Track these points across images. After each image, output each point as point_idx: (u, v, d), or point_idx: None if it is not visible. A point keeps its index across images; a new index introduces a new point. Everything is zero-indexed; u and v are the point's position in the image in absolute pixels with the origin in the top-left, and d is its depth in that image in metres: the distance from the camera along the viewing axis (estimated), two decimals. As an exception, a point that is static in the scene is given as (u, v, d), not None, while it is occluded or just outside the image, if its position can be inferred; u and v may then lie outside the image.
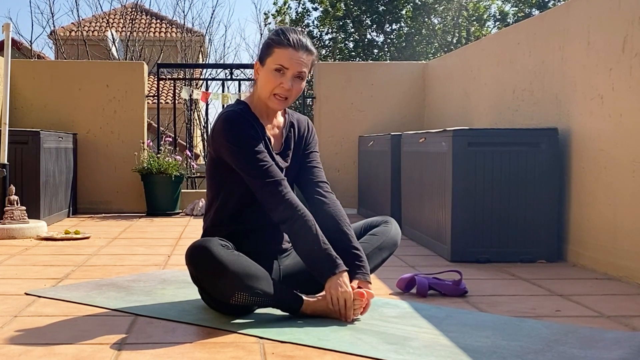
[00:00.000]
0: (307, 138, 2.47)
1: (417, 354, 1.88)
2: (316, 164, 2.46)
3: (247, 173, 2.24)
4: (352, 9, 18.33)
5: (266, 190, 2.22)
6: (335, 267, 2.18)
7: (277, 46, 2.27)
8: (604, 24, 3.26)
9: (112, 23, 15.76)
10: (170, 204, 5.87)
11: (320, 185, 2.41)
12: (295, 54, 2.27)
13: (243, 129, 2.26)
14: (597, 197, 3.28)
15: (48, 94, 6.05)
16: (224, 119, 2.28)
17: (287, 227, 2.22)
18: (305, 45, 2.29)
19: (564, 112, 3.61)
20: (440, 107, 5.95)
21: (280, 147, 2.40)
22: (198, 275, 2.18)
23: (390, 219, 2.58)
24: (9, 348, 1.92)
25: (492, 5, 18.52)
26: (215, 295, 2.21)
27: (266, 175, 2.22)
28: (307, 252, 2.20)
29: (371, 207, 5.50)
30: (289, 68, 2.26)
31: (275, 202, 2.22)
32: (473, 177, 3.47)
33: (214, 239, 2.19)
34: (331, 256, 2.19)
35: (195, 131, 12.62)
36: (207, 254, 2.11)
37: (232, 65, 6.97)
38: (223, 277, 2.10)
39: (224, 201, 2.35)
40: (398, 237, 2.54)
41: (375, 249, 2.45)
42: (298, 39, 2.29)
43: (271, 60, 2.28)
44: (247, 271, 2.12)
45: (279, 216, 2.22)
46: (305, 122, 2.51)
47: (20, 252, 3.71)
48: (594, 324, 2.26)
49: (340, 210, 2.36)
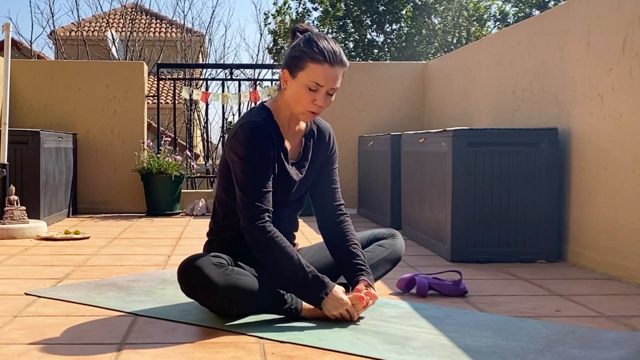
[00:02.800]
0: (328, 152, 2.40)
1: (417, 354, 1.88)
2: (334, 183, 2.40)
3: (240, 187, 2.17)
4: (352, 9, 18.33)
5: (249, 212, 2.14)
6: (325, 287, 2.14)
7: (312, 61, 2.14)
8: (604, 24, 3.26)
9: (112, 23, 15.78)
10: (170, 204, 5.87)
11: (336, 208, 2.38)
12: (331, 70, 2.15)
13: (257, 145, 2.17)
14: (597, 197, 3.28)
15: (48, 94, 6.05)
16: (244, 130, 2.19)
17: (266, 255, 2.15)
18: (339, 59, 2.16)
19: (564, 112, 3.61)
20: (440, 107, 5.95)
21: (297, 157, 2.33)
22: (189, 294, 2.17)
23: (397, 232, 2.60)
24: (9, 348, 1.92)
25: (493, 5, 18.53)
26: (210, 310, 2.21)
27: (258, 198, 2.15)
28: (291, 280, 2.14)
29: (371, 207, 5.50)
30: (324, 85, 2.16)
31: (253, 227, 2.13)
32: (473, 177, 3.47)
33: (206, 257, 2.13)
34: (317, 277, 2.14)
35: (195, 131, 12.62)
36: (198, 274, 2.08)
37: (232, 65, 6.97)
38: (214, 297, 2.10)
39: (232, 202, 2.31)
40: (402, 251, 2.57)
41: (381, 259, 2.48)
42: (332, 52, 2.15)
43: (305, 76, 2.15)
44: (240, 287, 2.10)
45: (256, 242, 2.15)
46: (327, 132, 2.42)
47: (20, 252, 3.71)
48: (594, 324, 2.26)
49: (351, 232, 2.36)
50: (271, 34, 18.06)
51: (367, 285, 2.25)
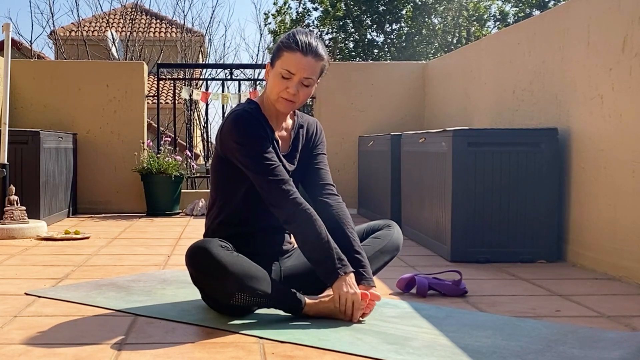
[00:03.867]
0: (315, 140, 2.46)
1: (417, 354, 1.88)
2: (323, 165, 2.44)
3: (253, 171, 2.22)
4: (352, 9, 18.34)
5: (271, 188, 2.20)
6: (344, 267, 2.17)
7: (286, 50, 2.23)
8: (604, 24, 3.26)
9: (112, 23, 15.78)
10: (170, 204, 5.87)
11: (326, 187, 2.40)
12: (303, 59, 2.23)
13: (252, 129, 2.24)
14: (597, 197, 3.28)
15: (48, 94, 6.05)
16: (234, 117, 2.26)
17: (293, 226, 2.21)
18: (314, 50, 2.24)
19: (564, 112, 3.61)
20: (440, 107, 5.96)
21: (287, 149, 2.38)
22: (198, 277, 2.17)
23: (393, 222, 2.59)
24: (9, 348, 1.92)
25: (493, 5, 18.53)
26: (215, 296, 2.20)
27: (272, 173, 2.21)
28: (313, 251, 2.19)
29: (371, 207, 5.50)
30: (295, 73, 2.23)
31: (281, 201, 2.20)
32: (473, 177, 3.47)
33: (213, 240, 2.18)
34: (339, 256, 2.18)
35: (195, 131, 12.62)
36: (207, 255, 2.10)
37: (232, 65, 6.96)
38: (223, 278, 2.09)
39: (227, 200, 2.34)
40: (400, 240, 2.55)
41: (378, 252, 2.46)
42: (307, 42, 2.23)
43: (279, 64, 2.24)
44: (247, 272, 2.11)
45: (284, 215, 2.21)
46: (314, 124, 2.49)
47: (20, 252, 3.71)
48: (594, 324, 2.26)
49: (345, 213, 2.36)
50: (271, 34, 18.09)
51: (365, 287, 2.24)
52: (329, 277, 2.18)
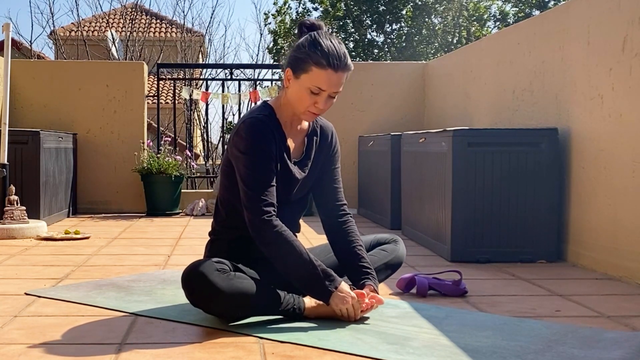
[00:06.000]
0: (330, 151, 2.40)
1: (417, 354, 1.88)
2: (338, 183, 2.41)
3: (245, 183, 2.16)
4: (352, 9, 18.33)
5: (254, 206, 2.14)
6: (333, 282, 2.15)
7: (315, 66, 2.12)
8: (604, 24, 3.26)
9: (112, 23, 15.78)
10: (170, 204, 5.87)
11: (341, 208, 2.40)
12: (334, 75, 2.13)
13: (261, 142, 2.18)
14: (597, 197, 3.28)
15: (48, 94, 6.05)
16: (246, 125, 2.20)
17: (274, 250, 2.15)
18: (344, 64, 2.14)
19: (564, 112, 3.61)
20: (440, 107, 5.96)
21: (300, 156, 2.33)
22: (193, 300, 2.14)
23: (399, 238, 2.62)
24: (9, 348, 1.92)
25: (493, 5, 18.53)
26: (214, 315, 2.20)
27: (262, 192, 2.15)
28: (300, 274, 2.14)
29: (371, 207, 5.50)
30: (326, 90, 2.15)
31: (262, 223, 2.13)
32: (473, 177, 3.47)
33: (209, 262, 2.12)
34: (326, 272, 2.14)
35: (195, 131, 12.62)
36: (203, 281, 2.06)
37: (232, 65, 6.97)
38: (221, 303, 2.08)
39: (235, 202, 2.30)
40: (404, 257, 2.59)
41: (384, 264, 2.49)
42: (337, 56, 2.13)
43: (307, 79, 2.14)
44: (244, 292, 2.08)
45: (263, 237, 2.15)
46: (329, 131, 2.41)
47: (20, 252, 3.71)
48: (594, 324, 2.26)
49: (357, 235, 2.37)
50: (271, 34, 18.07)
51: (372, 290, 2.26)
52: (322, 298, 2.17)
